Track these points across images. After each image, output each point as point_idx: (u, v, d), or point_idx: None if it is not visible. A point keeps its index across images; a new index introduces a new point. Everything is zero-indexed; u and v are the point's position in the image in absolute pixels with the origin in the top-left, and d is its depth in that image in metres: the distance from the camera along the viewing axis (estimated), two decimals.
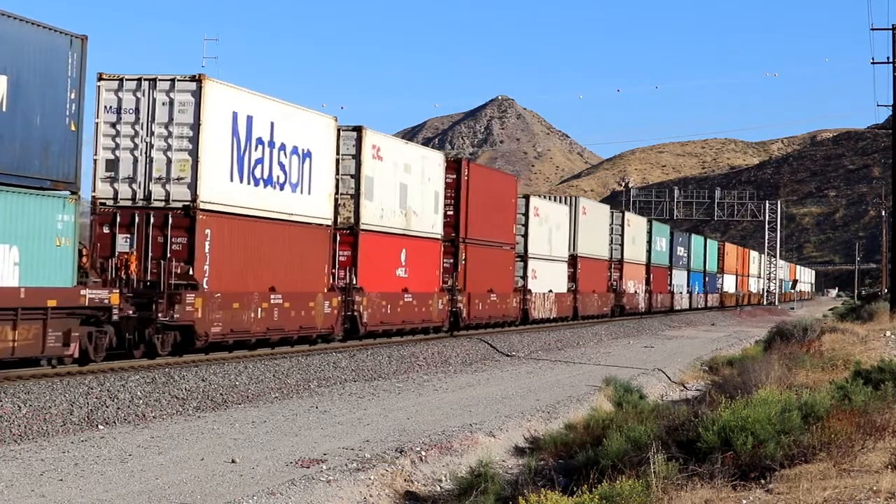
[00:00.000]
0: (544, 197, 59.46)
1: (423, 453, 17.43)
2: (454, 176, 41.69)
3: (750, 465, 14.02)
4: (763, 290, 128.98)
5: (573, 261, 57.68)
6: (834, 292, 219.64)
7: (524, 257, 50.01)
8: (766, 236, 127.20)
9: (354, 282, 33.07)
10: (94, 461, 15.61)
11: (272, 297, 28.71)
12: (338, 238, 32.82)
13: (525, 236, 50.07)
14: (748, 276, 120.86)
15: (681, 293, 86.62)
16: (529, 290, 50.17)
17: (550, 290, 53.43)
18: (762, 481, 13.52)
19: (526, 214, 50.17)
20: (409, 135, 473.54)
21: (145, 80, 26.35)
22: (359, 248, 33.45)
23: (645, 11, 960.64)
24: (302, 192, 30.57)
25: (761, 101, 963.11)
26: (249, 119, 28.02)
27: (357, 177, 33.66)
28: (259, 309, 28.08)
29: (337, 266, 32.64)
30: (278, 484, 14.31)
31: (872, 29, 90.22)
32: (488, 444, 19.07)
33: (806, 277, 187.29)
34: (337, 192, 32.95)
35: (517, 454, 19.60)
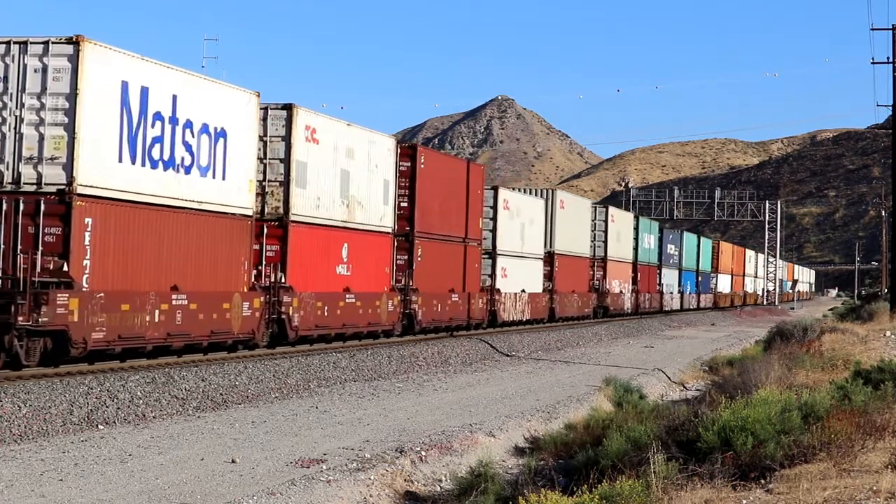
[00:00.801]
0: (518, 189, 55.83)
1: (423, 453, 17.43)
2: (408, 163, 37.44)
3: (750, 465, 14.02)
4: (763, 289, 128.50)
5: (550, 258, 53.47)
6: (834, 292, 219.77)
7: (492, 254, 45.95)
8: (766, 236, 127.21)
9: (283, 280, 29.17)
10: (94, 461, 15.61)
11: (174, 297, 24.63)
12: (265, 231, 29.13)
13: (494, 231, 45.90)
14: (745, 275, 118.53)
15: (671, 293, 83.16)
16: (498, 290, 46.05)
17: (523, 290, 49.19)
18: (762, 481, 13.52)
19: (494, 207, 45.96)
20: (409, 135, 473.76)
21: (15, 42, 22.37)
22: (289, 241, 29.42)
23: (645, 11, 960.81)
24: (214, 177, 26.48)
25: (761, 101, 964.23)
26: (144, 90, 23.92)
27: (287, 161, 29.73)
28: (157, 311, 23.96)
29: (264, 263, 28.89)
30: (278, 484, 14.31)
31: (872, 29, 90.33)
32: (488, 444, 19.07)
33: (805, 277, 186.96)
34: (264, 179, 29.46)
35: (517, 454, 19.60)
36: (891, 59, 57.49)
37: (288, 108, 29.80)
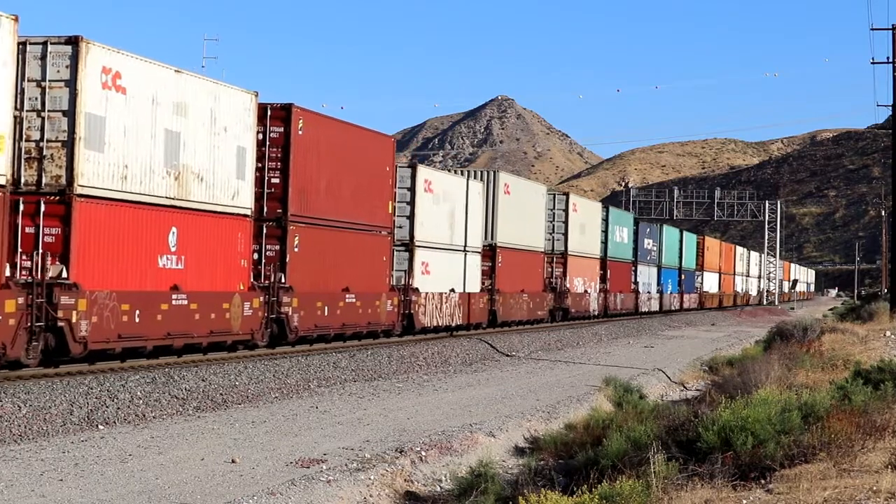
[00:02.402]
0: (449, 169, 49.06)
1: (423, 453, 17.43)
2: (281, 128, 29.74)
3: (750, 465, 14.03)
4: (757, 289, 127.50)
5: (491, 252, 46.07)
6: (834, 292, 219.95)
7: (408, 245, 38.00)
8: (766, 236, 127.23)
9: (65, 275, 21.83)
10: (94, 461, 15.61)
11: None
12: (41, 209, 21.86)
13: (411, 218, 37.95)
14: (735, 274, 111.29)
15: (648, 293, 74.92)
16: (415, 290, 37.99)
17: (452, 290, 41.44)
18: (762, 481, 13.53)
19: (412, 189, 38.04)
20: (409, 135, 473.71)
21: None
22: (73, 223, 22.02)
23: (645, 11, 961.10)
24: None
25: (761, 101, 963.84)
26: None
27: (72, 114, 22.18)
28: None
29: (40, 251, 21.57)
30: (278, 484, 14.31)
31: (872, 29, 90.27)
32: (488, 444, 19.07)
33: (804, 277, 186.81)
34: (42, 139, 22.12)
35: (517, 454, 19.60)
36: (891, 59, 57.55)
37: (74, 41, 22.28)
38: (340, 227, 32.83)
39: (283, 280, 29.56)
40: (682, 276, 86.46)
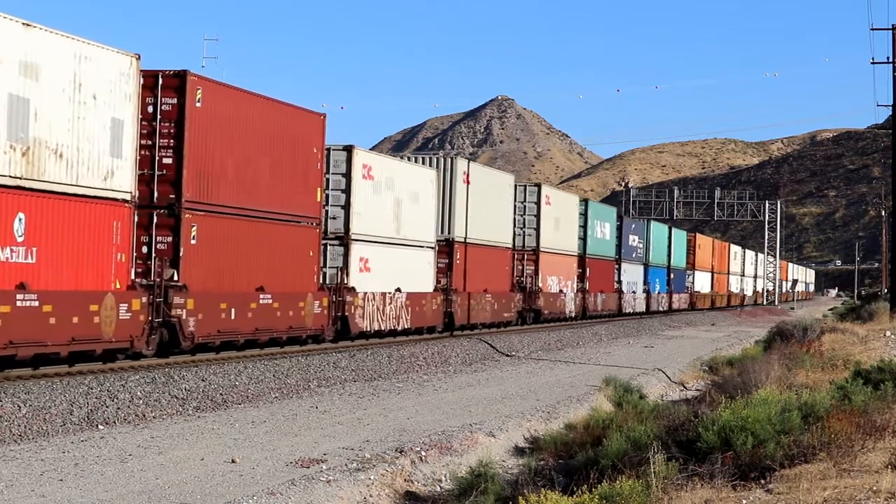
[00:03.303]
0: (400, 156, 44.31)
1: (423, 453, 17.43)
2: (174, 100, 25.47)
3: (750, 465, 14.03)
4: (753, 289, 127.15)
5: (448, 247, 41.49)
6: (834, 292, 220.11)
7: (343, 239, 33.34)
8: (766, 236, 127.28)
9: None
10: (94, 461, 15.61)
11: None
12: None
13: (346, 208, 33.37)
14: (729, 273, 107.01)
15: (633, 292, 70.48)
16: (351, 289, 33.16)
17: (398, 290, 36.44)
18: (762, 481, 13.53)
19: (348, 175, 33.44)
20: (409, 135, 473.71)
21: None
22: None
23: (645, 11, 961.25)
24: None
25: (761, 101, 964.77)
26: None
27: None
28: None
29: None
30: (278, 484, 14.31)
31: (872, 29, 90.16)
32: (488, 444, 19.07)
33: (803, 276, 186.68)
34: None
35: (517, 454, 19.60)
36: (891, 59, 57.58)
37: None
38: (253, 216, 28.26)
39: (174, 277, 25.23)
40: (672, 276, 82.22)
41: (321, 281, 32.06)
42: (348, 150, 33.70)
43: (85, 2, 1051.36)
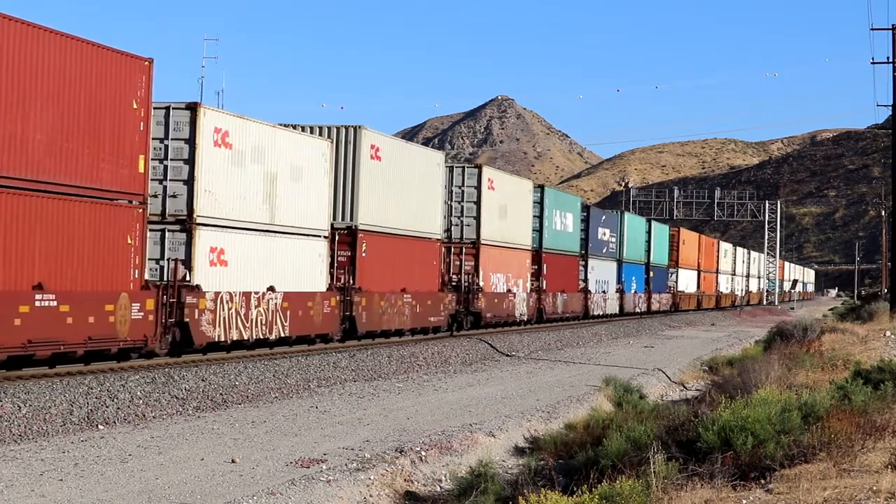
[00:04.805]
0: (286, 125, 32.21)
1: (423, 453, 17.44)
2: None
3: (750, 465, 14.03)
4: (750, 290, 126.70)
5: (350, 237, 33.75)
6: (834, 292, 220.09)
7: (186, 223, 26.23)
8: (766, 236, 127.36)
9: None
10: (94, 461, 15.62)
11: None
12: None
13: (189, 183, 26.24)
14: (718, 272, 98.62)
15: (603, 292, 62.64)
16: (196, 288, 25.77)
17: (270, 288, 28.93)
18: (762, 481, 13.53)
19: (191, 142, 26.31)
20: (409, 135, 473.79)
21: None
22: None
23: (645, 11, 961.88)
24: None
25: (761, 101, 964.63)
26: None
27: None
28: None
29: None
30: (278, 484, 14.32)
31: (872, 29, 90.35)
32: (488, 444, 19.07)
33: (803, 277, 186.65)
34: None
35: (517, 454, 19.60)
36: (891, 59, 57.58)
37: None
38: (21, 188, 20.45)
39: None
40: (651, 274, 73.93)
41: (153, 277, 25.45)
42: (192, 108, 26.33)
43: (86, 2, 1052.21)
